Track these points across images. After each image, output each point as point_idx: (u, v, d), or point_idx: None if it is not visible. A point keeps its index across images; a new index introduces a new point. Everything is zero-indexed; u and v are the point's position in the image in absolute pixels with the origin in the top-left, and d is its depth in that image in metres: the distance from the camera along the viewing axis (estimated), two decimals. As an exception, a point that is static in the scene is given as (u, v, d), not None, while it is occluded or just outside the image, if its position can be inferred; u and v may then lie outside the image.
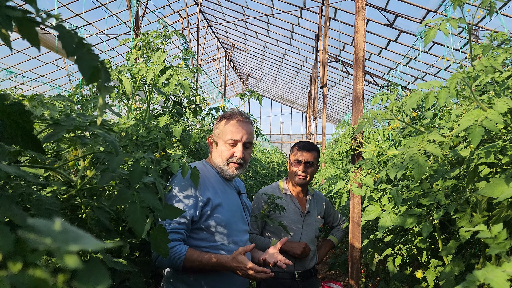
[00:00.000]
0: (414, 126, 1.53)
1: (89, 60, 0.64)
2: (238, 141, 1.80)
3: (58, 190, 1.05)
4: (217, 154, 1.83)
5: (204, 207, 1.69)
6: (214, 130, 1.88)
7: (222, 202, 1.74)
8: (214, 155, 1.85)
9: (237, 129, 1.80)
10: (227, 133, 1.79)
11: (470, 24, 1.38)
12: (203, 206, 1.68)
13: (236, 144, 1.80)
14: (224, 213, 1.73)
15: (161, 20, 2.35)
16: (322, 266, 6.14)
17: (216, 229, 1.71)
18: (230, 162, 1.80)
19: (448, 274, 1.48)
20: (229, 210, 1.77)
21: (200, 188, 1.70)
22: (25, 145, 0.67)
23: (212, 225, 1.70)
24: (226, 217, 1.74)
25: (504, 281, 0.63)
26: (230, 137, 1.79)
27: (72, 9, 11.09)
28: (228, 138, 1.79)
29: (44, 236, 0.22)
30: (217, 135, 1.84)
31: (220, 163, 1.82)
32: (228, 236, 1.74)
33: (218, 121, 1.87)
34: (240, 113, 1.86)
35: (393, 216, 1.72)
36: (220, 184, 1.82)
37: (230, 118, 1.83)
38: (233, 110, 1.89)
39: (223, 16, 14.81)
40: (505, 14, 7.24)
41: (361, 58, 2.18)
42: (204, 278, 1.67)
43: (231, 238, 1.75)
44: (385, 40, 10.65)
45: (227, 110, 2.59)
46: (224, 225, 1.72)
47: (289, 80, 21.22)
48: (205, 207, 1.69)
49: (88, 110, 1.75)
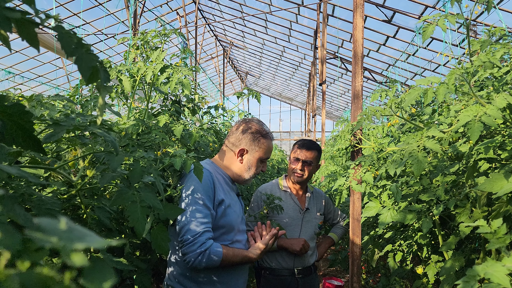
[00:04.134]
0: (413, 122, 1.54)
1: (88, 60, 0.65)
2: (268, 159, 1.93)
3: (58, 190, 1.05)
4: (245, 166, 1.87)
5: (218, 207, 1.72)
6: (247, 145, 1.87)
7: (231, 204, 1.79)
8: (238, 165, 1.87)
9: (271, 149, 1.93)
10: (266, 153, 1.90)
11: (468, 20, 1.38)
12: (217, 206, 1.72)
13: (265, 161, 1.92)
14: (232, 213, 1.78)
15: (159, 19, 2.35)
16: (323, 263, 6.15)
17: (226, 229, 1.75)
18: (254, 174, 1.90)
19: (448, 270, 1.49)
20: (235, 212, 1.81)
21: (216, 188, 1.73)
22: (25, 145, 0.68)
23: (222, 225, 1.73)
24: (234, 217, 1.79)
25: (504, 275, 0.63)
26: (267, 157, 1.91)
27: (69, 9, 11.07)
28: (265, 157, 1.90)
29: (50, 235, 0.23)
30: (251, 151, 1.87)
31: (246, 175, 1.88)
32: (234, 235, 1.78)
33: (253, 138, 1.87)
34: (270, 133, 1.96)
35: (393, 212, 1.72)
36: (227, 185, 1.87)
37: (266, 138, 1.90)
38: (264, 127, 1.93)
39: (221, 14, 14.78)
40: (503, 9, 7.24)
41: (359, 55, 2.18)
42: (211, 275, 1.69)
43: (236, 238, 1.79)
44: (383, 37, 10.65)
45: (225, 108, 2.59)
46: (232, 226, 1.77)
47: (288, 77, 21.20)
48: (219, 207, 1.72)
49: (88, 110, 1.75)
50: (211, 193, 1.69)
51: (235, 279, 1.76)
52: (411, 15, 8.75)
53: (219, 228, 1.72)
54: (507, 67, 1.36)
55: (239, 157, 1.87)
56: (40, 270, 0.21)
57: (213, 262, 1.59)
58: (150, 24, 12.95)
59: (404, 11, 8.80)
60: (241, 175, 1.88)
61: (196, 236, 1.57)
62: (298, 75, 19.93)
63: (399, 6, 8.88)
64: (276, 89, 25.83)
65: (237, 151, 1.86)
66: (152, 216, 1.06)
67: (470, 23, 1.40)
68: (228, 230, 1.75)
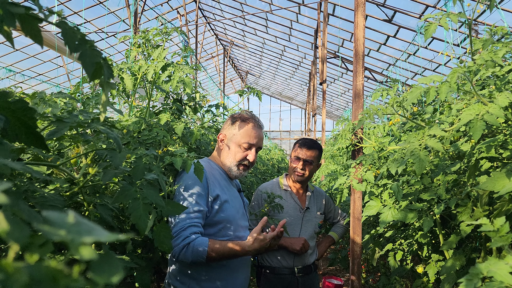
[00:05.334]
0: (414, 121, 1.53)
1: (92, 56, 0.65)
2: (253, 145, 1.86)
3: (61, 188, 1.05)
4: (228, 155, 1.86)
5: (214, 202, 1.72)
6: (226, 130, 1.89)
7: (228, 199, 1.79)
8: (224, 155, 1.87)
9: (253, 134, 1.86)
10: (244, 136, 1.84)
11: (470, 19, 1.38)
12: (212, 202, 1.72)
13: (251, 148, 1.86)
14: (230, 209, 1.78)
15: (160, 18, 2.34)
16: (323, 261, 6.16)
17: (224, 225, 1.74)
18: (241, 164, 1.85)
19: (449, 269, 1.49)
20: (234, 207, 1.81)
21: (209, 185, 1.73)
22: (29, 142, 0.68)
23: (219, 221, 1.73)
24: (232, 213, 1.78)
25: (507, 273, 0.63)
26: (246, 141, 1.84)
27: (70, 7, 11.06)
28: (244, 141, 1.83)
29: (58, 228, 0.23)
30: (231, 137, 1.87)
31: (231, 164, 1.85)
32: (233, 231, 1.78)
33: (232, 122, 1.89)
34: (256, 118, 1.92)
35: (394, 211, 1.72)
36: (225, 181, 1.86)
37: (247, 122, 1.87)
38: (248, 113, 1.92)
39: (221, 13, 14.77)
40: (505, 9, 7.24)
41: (361, 54, 2.18)
42: (211, 272, 1.69)
43: (235, 234, 1.79)
44: (384, 36, 10.64)
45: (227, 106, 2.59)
46: (230, 221, 1.76)
47: (288, 76, 21.19)
48: (214, 202, 1.72)
49: (90, 108, 1.75)
50: (203, 190, 1.69)
51: (234, 277, 1.76)
52: (411, 15, 8.74)
53: (216, 224, 1.72)
54: (509, 66, 1.36)
55: (222, 147, 1.87)
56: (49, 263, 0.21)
57: (199, 254, 1.57)
58: (151, 23, 12.96)
59: (404, 11, 8.79)
60: (229, 167, 1.85)
61: (180, 230, 1.58)
62: (299, 75, 19.92)
63: (399, 6, 8.88)
64: (277, 88, 25.83)
65: (219, 138, 1.88)
66: (154, 213, 1.06)
67: (472, 22, 1.40)
68: (226, 226, 1.75)
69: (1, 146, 0.59)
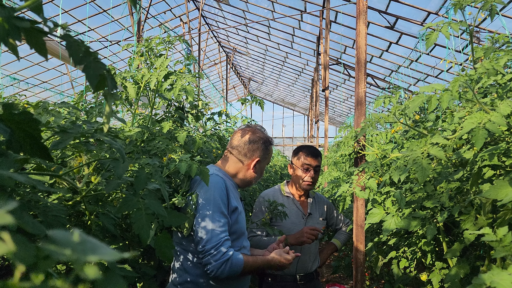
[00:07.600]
0: (417, 129, 1.53)
1: (96, 68, 0.65)
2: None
3: (63, 197, 1.06)
4: (253, 174, 1.91)
5: (232, 214, 1.73)
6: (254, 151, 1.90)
7: (241, 210, 1.81)
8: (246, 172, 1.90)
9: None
10: (270, 158, 1.99)
11: (472, 26, 1.38)
12: (231, 213, 1.72)
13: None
14: (242, 220, 1.80)
15: (163, 26, 2.36)
16: (326, 269, 6.12)
17: (237, 236, 1.75)
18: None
19: (453, 277, 1.48)
20: (243, 217, 1.84)
21: (229, 195, 1.73)
22: (33, 153, 0.68)
23: (234, 232, 1.73)
24: (243, 224, 1.81)
25: (510, 284, 0.63)
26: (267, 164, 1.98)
27: (74, 16, 11.16)
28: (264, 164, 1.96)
29: (64, 247, 0.23)
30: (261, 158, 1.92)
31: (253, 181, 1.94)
32: (242, 241, 1.79)
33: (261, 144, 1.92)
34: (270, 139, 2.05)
35: (397, 219, 1.72)
36: (236, 191, 1.89)
37: (272, 144, 2.00)
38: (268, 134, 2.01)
39: (224, 21, 14.85)
40: (506, 16, 7.24)
41: (363, 61, 2.19)
42: (214, 281, 1.68)
43: (242, 244, 1.80)
44: (386, 43, 10.66)
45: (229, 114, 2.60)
46: (242, 232, 1.78)
47: (291, 83, 21.23)
48: (232, 214, 1.73)
49: (93, 117, 1.76)
50: (226, 200, 1.69)
51: (240, 285, 1.76)
52: (413, 22, 8.76)
53: (231, 235, 1.71)
54: (511, 74, 1.36)
55: (253, 167, 1.89)
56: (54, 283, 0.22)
57: (235, 271, 1.57)
58: (154, 31, 13.04)
59: (406, 18, 8.82)
60: (252, 182, 1.92)
61: (217, 245, 1.56)
62: (301, 81, 19.96)
63: (401, 13, 8.90)
64: (279, 95, 25.87)
65: (251, 162, 1.88)
66: (156, 223, 1.07)
67: (473, 29, 1.41)
68: (239, 237, 1.75)
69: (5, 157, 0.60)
